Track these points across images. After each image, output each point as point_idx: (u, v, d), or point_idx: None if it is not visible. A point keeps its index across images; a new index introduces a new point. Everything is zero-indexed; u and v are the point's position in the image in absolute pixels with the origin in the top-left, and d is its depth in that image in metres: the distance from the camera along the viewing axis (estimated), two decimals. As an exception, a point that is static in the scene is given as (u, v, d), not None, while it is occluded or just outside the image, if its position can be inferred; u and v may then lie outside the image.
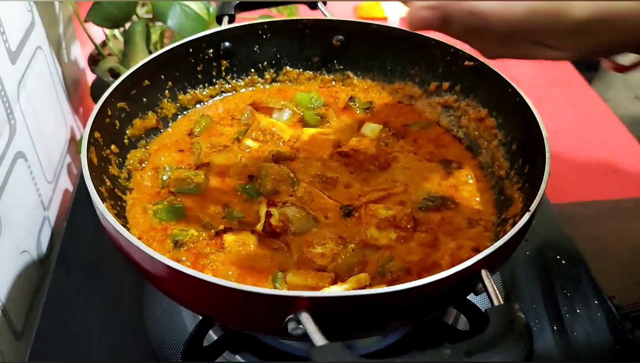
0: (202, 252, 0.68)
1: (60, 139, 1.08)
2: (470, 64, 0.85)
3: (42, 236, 0.94)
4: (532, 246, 0.89)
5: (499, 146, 0.81)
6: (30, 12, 0.96)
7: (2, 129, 0.81)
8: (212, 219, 0.73)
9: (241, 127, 0.88)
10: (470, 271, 0.54)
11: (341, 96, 0.94)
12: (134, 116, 0.82)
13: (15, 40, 0.88)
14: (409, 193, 0.78)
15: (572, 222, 1.00)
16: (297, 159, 0.82)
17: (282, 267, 0.67)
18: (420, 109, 0.92)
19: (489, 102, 0.84)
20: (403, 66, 0.93)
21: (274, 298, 0.52)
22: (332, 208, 0.75)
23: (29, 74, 0.93)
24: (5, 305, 0.79)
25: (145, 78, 0.83)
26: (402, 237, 0.71)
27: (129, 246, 0.58)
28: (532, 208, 0.61)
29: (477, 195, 0.79)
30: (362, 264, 0.67)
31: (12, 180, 0.83)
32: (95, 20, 1.09)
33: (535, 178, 0.68)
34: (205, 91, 0.92)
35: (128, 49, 1.13)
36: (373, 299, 0.52)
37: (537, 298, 0.83)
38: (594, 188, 1.17)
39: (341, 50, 0.95)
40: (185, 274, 0.54)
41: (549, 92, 1.43)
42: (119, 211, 0.72)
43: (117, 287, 0.86)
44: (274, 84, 0.97)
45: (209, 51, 0.90)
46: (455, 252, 0.70)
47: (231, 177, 0.79)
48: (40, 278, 0.92)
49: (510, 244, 0.59)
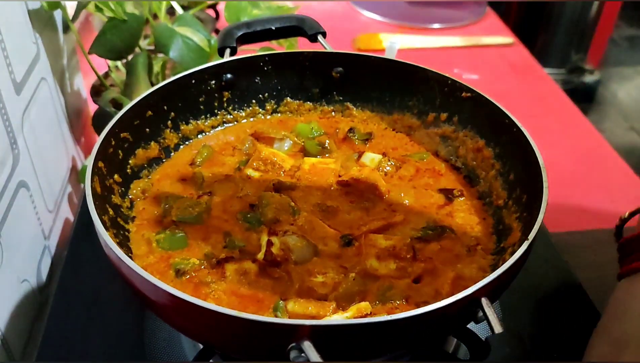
0: (203, 281, 0.69)
1: (62, 168, 1.09)
2: (468, 95, 0.86)
3: (42, 265, 0.95)
4: (531, 274, 0.89)
5: (497, 176, 0.83)
6: (36, 44, 0.98)
7: (6, 159, 0.82)
8: (213, 248, 0.74)
9: (242, 157, 0.89)
10: (471, 299, 0.55)
11: (341, 126, 0.95)
12: (136, 146, 0.84)
13: (20, 71, 0.90)
14: (408, 222, 0.79)
15: (571, 251, 1.01)
16: (298, 188, 0.83)
17: (283, 296, 0.67)
18: (419, 140, 0.94)
19: (486, 132, 0.86)
20: (401, 97, 0.95)
21: (276, 327, 0.52)
22: (332, 238, 0.76)
23: (33, 104, 0.94)
24: (5, 334, 0.79)
25: (149, 109, 0.84)
26: (402, 266, 0.72)
27: (131, 274, 0.59)
28: (531, 237, 0.62)
29: (475, 224, 0.79)
30: (363, 293, 0.68)
31: (14, 210, 0.83)
32: (99, 52, 1.11)
33: (533, 207, 0.69)
34: (207, 122, 0.94)
35: (130, 79, 1.15)
36: (374, 327, 0.52)
37: (537, 326, 0.83)
38: (591, 217, 1.18)
39: (341, 82, 0.97)
40: (187, 302, 0.54)
41: (545, 122, 1.45)
42: (122, 240, 0.73)
43: (117, 316, 0.86)
44: (275, 114, 0.98)
45: (212, 82, 0.91)
46: (455, 280, 0.70)
47: (232, 206, 0.80)
48: (39, 307, 0.92)
49: (510, 272, 0.59)
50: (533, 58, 1.73)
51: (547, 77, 1.66)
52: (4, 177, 0.81)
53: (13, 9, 0.89)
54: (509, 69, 1.69)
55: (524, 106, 1.50)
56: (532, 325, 0.83)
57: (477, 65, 1.69)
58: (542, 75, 1.66)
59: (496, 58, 1.73)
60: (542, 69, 1.69)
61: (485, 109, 0.84)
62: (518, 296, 0.87)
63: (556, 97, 1.57)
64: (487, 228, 0.79)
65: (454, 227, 0.78)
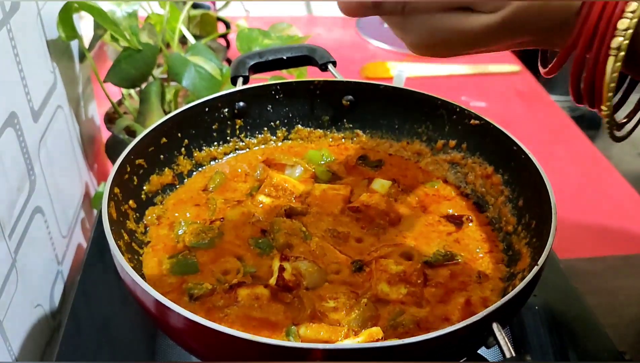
0: (216, 305, 0.69)
1: (76, 194, 1.11)
2: (476, 122, 0.88)
3: (55, 290, 0.96)
4: (541, 301, 0.89)
5: (506, 202, 0.83)
6: (53, 73, 1.00)
7: (23, 185, 0.84)
8: (225, 273, 0.75)
9: (254, 183, 0.90)
10: (482, 324, 0.55)
11: (351, 153, 0.97)
12: (151, 172, 0.85)
13: (38, 99, 0.92)
14: (418, 248, 0.79)
15: (581, 277, 1.01)
16: (309, 214, 0.84)
17: (295, 321, 0.68)
18: (428, 166, 0.95)
19: (495, 159, 0.87)
20: (410, 125, 0.96)
21: (290, 350, 0.53)
22: (343, 263, 0.76)
23: (49, 131, 0.96)
24: (18, 359, 0.80)
25: (163, 136, 0.86)
26: (413, 291, 0.72)
27: (147, 298, 0.60)
28: (540, 262, 0.62)
29: (485, 250, 0.80)
30: (375, 318, 0.68)
31: (29, 235, 0.85)
32: (114, 80, 1.13)
33: (543, 233, 0.70)
34: (220, 148, 0.95)
35: (144, 107, 1.17)
36: (387, 351, 0.53)
37: (547, 353, 0.83)
38: (600, 244, 1.18)
39: (351, 110, 0.99)
40: (202, 326, 0.55)
41: (553, 149, 1.46)
42: (136, 264, 0.74)
43: (129, 341, 0.87)
44: (286, 141, 1.00)
45: (224, 110, 0.93)
46: (465, 306, 0.71)
47: (244, 232, 0.81)
48: (51, 332, 0.93)
49: (520, 297, 0.60)
50: (540, 85, 1.75)
51: (554, 104, 1.67)
52: (21, 202, 0.82)
53: (33, 39, 0.92)
54: (516, 96, 1.70)
55: (531, 133, 1.51)
56: (542, 350, 0.83)
57: (485, 93, 1.71)
58: (549, 103, 1.68)
59: (503, 85, 1.75)
60: (549, 96, 1.71)
61: (493, 136, 0.85)
62: (527, 321, 0.87)
63: (563, 124, 1.58)
64: (497, 254, 0.79)
65: (464, 253, 0.79)
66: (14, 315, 0.79)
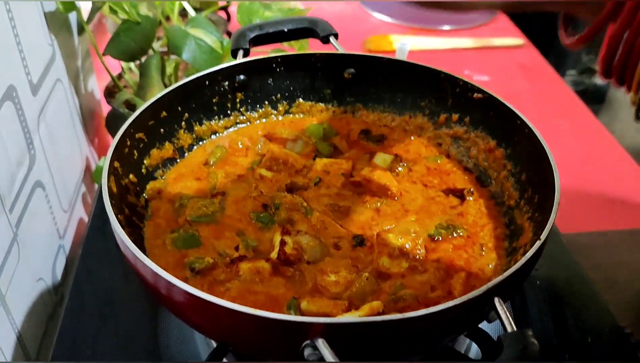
0: (217, 280, 0.70)
1: (76, 168, 1.10)
2: (480, 96, 0.87)
3: (57, 264, 0.96)
4: (542, 275, 0.89)
5: (509, 176, 0.83)
6: (51, 46, 0.99)
7: (23, 159, 0.83)
8: (226, 247, 0.75)
9: (255, 157, 0.90)
10: (483, 298, 0.55)
11: (353, 127, 0.96)
12: (151, 146, 0.85)
13: (37, 72, 0.91)
14: (420, 222, 0.79)
15: (583, 252, 1.01)
16: (310, 189, 0.83)
17: (297, 295, 0.68)
18: (430, 140, 0.94)
19: (498, 133, 0.86)
20: (413, 98, 0.95)
21: (291, 324, 0.53)
22: (344, 237, 0.76)
23: (48, 105, 0.95)
24: (21, 332, 0.80)
25: (163, 109, 0.85)
26: (414, 265, 0.72)
27: (147, 272, 0.59)
28: (543, 237, 0.62)
29: (487, 224, 0.80)
30: (376, 292, 0.68)
31: (30, 209, 0.85)
32: (114, 53, 1.12)
33: (545, 207, 0.69)
34: (221, 122, 0.94)
35: (143, 81, 1.16)
36: (388, 326, 0.53)
37: (548, 327, 0.83)
38: (602, 218, 1.18)
39: (352, 83, 0.98)
40: (203, 300, 0.55)
41: (556, 123, 1.45)
42: (137, 238, 0.74)
43: (131, 314, 0.87)
44: (287, 115, 0.99)
45: (225, 84, 0.92)
46: (467, 280, 0.71)
47: (245, 206, 0.81)
48: (54, 306, 0.93)
49: (522, 272, 0.59)
50: (544, 59, 1.73)
51: (559, 78, 1.66)
52: (20, 177, 0.82)
53: (29, 10, 0.90)
54: (520, 70, 1.69)
55: (534, 107, 1.50)
56: (543, 325, 0.83)
57: (488, 67, 1.69)
58: (554, 76, 1.66)
59: (506, 59, 1.73)
60: (553, 70, 1.69)
61: (496, 110, 0.84)
62: (529, 296, 0.87)
63: (567, 98, 1.56)
64: (499, 228, 0.79)
65: (466, 227, 0.79)
66: (16, 288, 0.79)
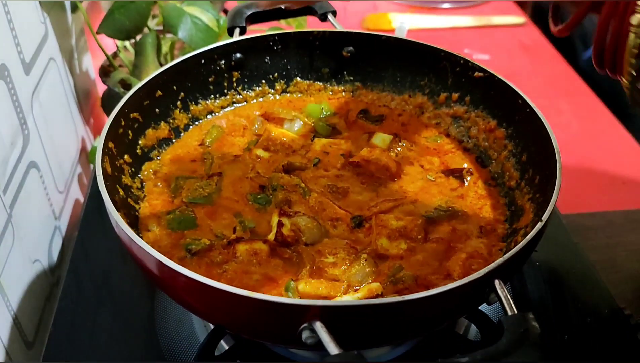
0: (214, 261, 0.69)
1: (72, 149, 1.09)
2: (480, 75, 0.85)
3: (53, 245, 0.95)
4: (542, 256, 0.89)
5: (509, 157, 0.82)
6: (44, 24, 0.97)
7: (16, 139, 0.82)
8: (223, 229, 0.74)
9: (252, 138, 0.89)
10: (484, 280, 0.55)
11: (351, 107, 0.95)
12: (146, 126, 0.83)
13: (29, 51, 0.89)
14: (419, 203, 0.78)
15: (582, 233, 1.00)
16: (308, 169, 0.82)
17: (294, 277, 0.67)
18: (430, 120, 0.93)
19: (498, 113, 0.85)
20: (412, 77, 0.94)
21: (288, 307, 0.52)
22: (343, 219, 0.75)
23: (42, 84, 0.94)
24: (17, 314, 0.80)
25: (158, 89, 0.84)
26: (413, 247, 0.71)
27: (143, 255, 0.59)
28: (544, 218, 0.61)
29: (487, 205, 0.79)
30: (374, 274, 0.68)
31: (25, 190, 0.84)
32: (108, 31, 1.10)
33: (546, 188, 0.68)
34: (217, 102, 0.93)
35: (139, 60, 1.14)
36: (387, 308, 0.52)
37: (548, 308, 0.83)
38: (602, 199, 1.17)
39: (351, 62, 0.96)
40: (199, 282, 0.54)
41: (556, 103, 1.43)
42: (132, 220, 0.73)
43: (128, 296, 0.87)
44: (285, 94, 0.98)
45: (221, 62, 0.91)
46: (466, 262, 0.70)
47: (242, 187, 0.80)
48: (51, 288, 0.93)
49: (523, 254, 0.59)
50: (545, 38, 1.71)
51: (560, 56, 1.64)
52: (14, 157, 0.81)
53: (21, -12, 0.88)
54: (521, 49, 1.67)
55: (535, 86, 1.48)
56: (542, 306, 0.82)
57: (488, 46, 1.67)
58: (554, 55, 1.64)
59: (507, 38, 1.71)
60: (554, 49, 1.67)
61: (497, 89, 0.83)
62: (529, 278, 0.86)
63: (568, 77, 1.55)
64: (499, 209, 0.78)
65: (466, 208, 0.78)
66: (12, 270, 0.79)
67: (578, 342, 0.79)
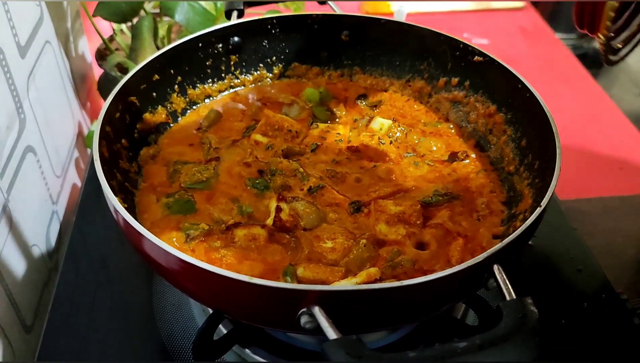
0: (213, 246, 0.69)
1: (68, 133, 1.08)
2: (480, 59, 0.85)
3: (51, 230, 0.95)
4: (540, 241, 0.89)
5: (509, 142, 0.81)
6: (39, 7, 0.96)
7: (13, 123, 0.82)
8: (222, 213, 0.73)
9: (250, 122, 0.88)
10: (483, 265, 0.54)
11: (350, 91, 0.94)
12: (143, 110, 0.83)
13: (24, 34, 0.88)
14: (418, 188, 0.78)
15: (580, 218, 1.00)
16: (307, 154, 0.82)
17: (293, 262, 0.67)
18: (429, 105, 0.92)
19: (498, 97, 0.85)
20: (412, 62, 0.93)
21: (287, 292, 0.52)
22: (341, 204, 0.75)
23: (37, 68, 0.93)
24: (16, 299, 0.80)
25: (155, 72, 0.83)
26: (412, 232, 0.71)
27: (140, 239, 0.58)
28: (544, 203, 0.61)
29: (486, 191, 0.79)
30: (373, 259, 0.68)
31: (21, 175, 0.83)
32: (104, 14, 1.09)
33: (546, 174, 0.68)
34: (215, 86, 0.92)
35: (136, 43, 1.13)
36: (386, 293, 0.52)
37: (545, 293, 0.83)
38: (600, 184, 1.17)
39: (350, 46, 0.95)
40: (197, 267, 0.54)
41: (555, 87, 1.43)
42: (130, 205, 0.72)
43: (126, 280, 0.87)
44: (283, 79, 0.97)
45: (219, 46, 0.90)
46: (465, 247, 0.70)
47: (241, 172, 0.79)
48: (49, 272, 0.92)
49: (521, 239, 0.59)
50: (544, 22, 1.70)
51: (559, 41, 1.63)
52: (10, 142, 0.80)
53: (16, -31, 0.87)
54: (520, 33, 1.66)
55: (534, 71, 1.48)
56: (540, 292, 0.83)
57: (487, 30, 1.66)
58: (554, 40, 1.63)
59: (506, 22, 1.70)
60: (554, 34, 1.66)
61: (497, 73, 0.82)
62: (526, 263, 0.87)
63: (567, 62, 1.54)
64: (498, 194, 0.78)
65: (464, 194, 0.77)
66: (9, 255, 0.79)
67: (575, 327, 0.79)
